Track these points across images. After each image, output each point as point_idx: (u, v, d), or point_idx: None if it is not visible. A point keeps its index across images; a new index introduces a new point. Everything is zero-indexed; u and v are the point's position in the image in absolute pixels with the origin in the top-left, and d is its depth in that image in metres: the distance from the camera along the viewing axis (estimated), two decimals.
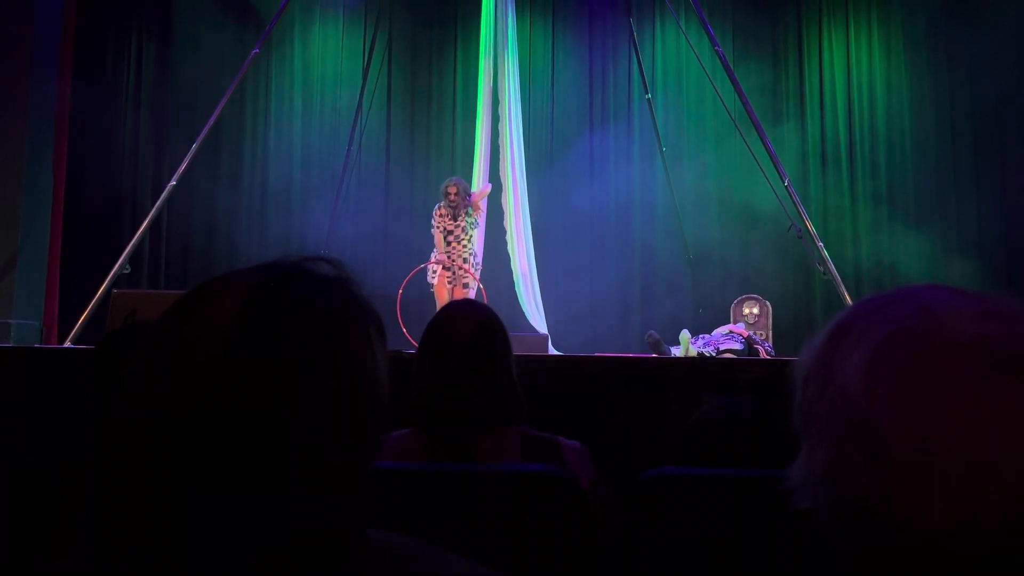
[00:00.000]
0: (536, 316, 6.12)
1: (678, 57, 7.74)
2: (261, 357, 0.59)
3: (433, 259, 5.94)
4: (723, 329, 5.60)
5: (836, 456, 0.59)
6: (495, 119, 6.18)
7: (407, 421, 1.55)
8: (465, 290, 5.82)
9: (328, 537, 0.60)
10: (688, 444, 1.53)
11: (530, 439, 1.51)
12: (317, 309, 0.62)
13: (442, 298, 5.72)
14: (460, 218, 5.88)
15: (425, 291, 5.93)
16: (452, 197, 5.78)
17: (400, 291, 5.82)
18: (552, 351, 5.41)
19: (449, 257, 5.84)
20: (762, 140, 5.42)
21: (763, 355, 5.30)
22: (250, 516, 0.57)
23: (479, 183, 6.11)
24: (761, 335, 5.99)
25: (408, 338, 5.28)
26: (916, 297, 0.62)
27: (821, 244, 5.14)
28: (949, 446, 0.55)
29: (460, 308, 1.61)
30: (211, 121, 5.60)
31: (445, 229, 5.90)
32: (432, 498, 1.31)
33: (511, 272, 6.18)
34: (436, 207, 5.93)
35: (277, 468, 0.58)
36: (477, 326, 1.54)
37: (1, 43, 5.96)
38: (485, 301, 5.83)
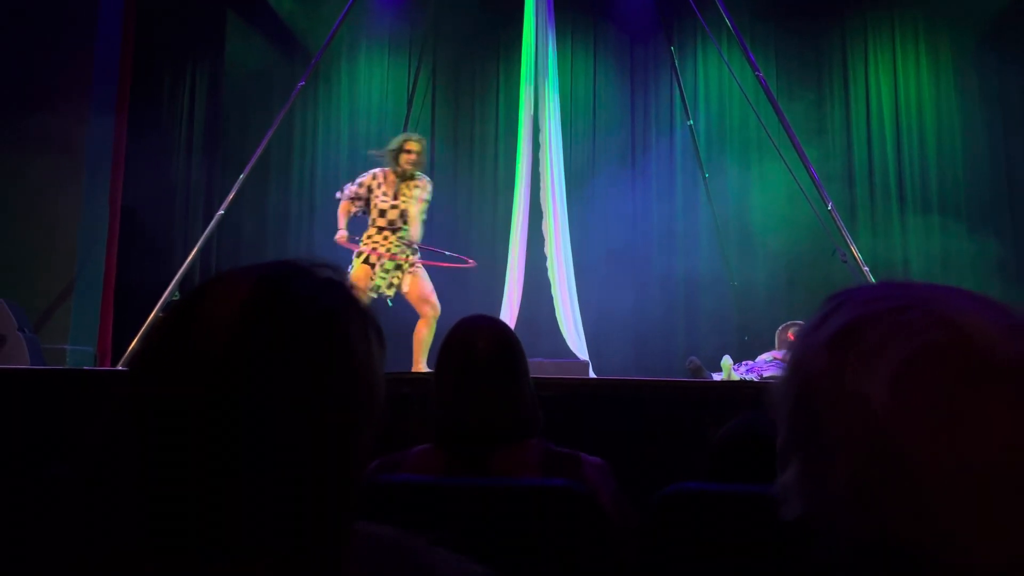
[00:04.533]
0: (577, 342, 6.08)
1: (720, 83, 7.73)
2: (263, 349, 0.61)
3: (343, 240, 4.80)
4: (767, 356, 5.51)
5: (858, 479, 0.56)
6: (536, 147, 6.21)
7: (426, 437, 1.55)
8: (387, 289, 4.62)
9: (315, 526, 0.61)
10: (714, 460, 1.51)
11: (551, 455, 1.51)
12: (318, 305, 0.64)
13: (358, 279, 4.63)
14: (405, 194, 4.80)
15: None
16: (414, 157, 4.78)
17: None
18: (592, 377, 5.37)
19: (383, 246, 4.74)
20: (805, 165, 5.36)
21: None
22: (240, 502, 0.58)
23: (520, 210, 6.09)
24: None
25: None
26: (932, 304, 0.59)
27: (867, 269, 5.04)
28: (995, 475, 0.52)
29: (476, 323, 1.61)
30: (259, 151, 5.75)
31: (378, 207, 4.78)
32: (450, 512, 1.31)
33: (552, 298, 6.17)
34: (371, 173, 4.97)
35: (272, 457, 0.59)
36: (496, 340, 1.55)
37: (62, 79, 6.23)
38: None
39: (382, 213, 4.81)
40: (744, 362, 5.39)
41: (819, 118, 7.54)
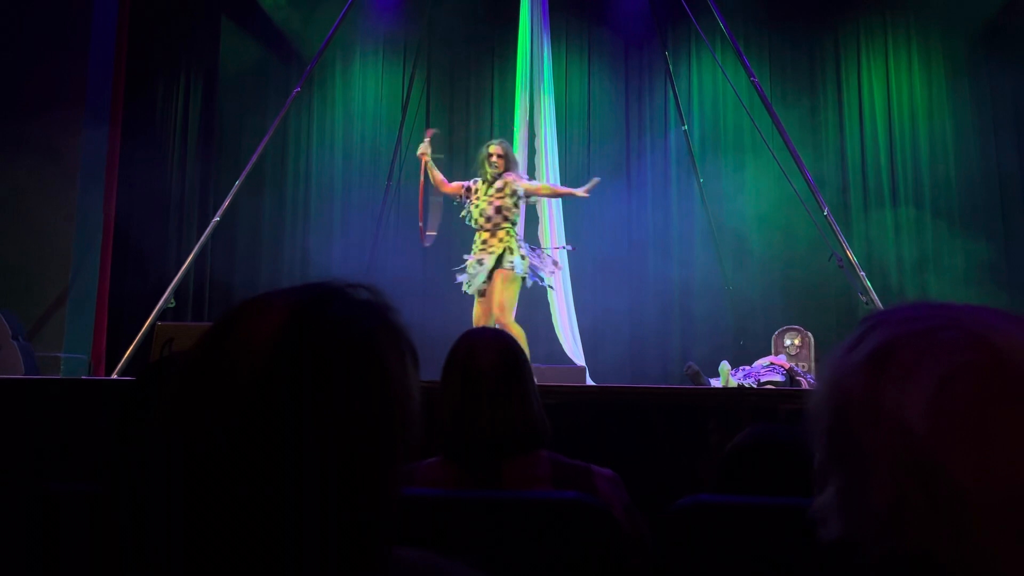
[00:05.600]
0: (573, 348, 6.08)
1: (714, 88, 7.75)
2: (299, 374, 0.60)
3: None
4: (764, 361, 5.51)
5: (895, 497, 0.56)
6: (531, 152, 6.21)
7: (434, 450, 1.54)
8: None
9: (354, 552, 0.60)
10: (724, 472, 1.50)
11: (561, 466, 1.50)
12: (355, 330, 0.63)
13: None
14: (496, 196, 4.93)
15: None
16: (494, 159, 4.89)
17: None
18: (589, 383, 5.36)
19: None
20: (800, 170, 5.37)
21: (805, 387, 5.20)
22: (279, 528, 0.57)
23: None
24: (803, 367, 5.88)
25: None
26: (966, 323, 0.59)
27: (863, 273, 5.06)
28: None
29: (480, 334, 1.60)
30: (254, 158, 5.73)
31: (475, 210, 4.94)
32: (462, 525, 1.30)
33: (548, 304, 6.16)
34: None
35: (309, 482, 0.58)
36: (499, 351, 1.54)
37: (56, 87, 6.20)
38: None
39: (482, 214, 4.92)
40: (742, 367, 5.39)
41: (812, 123, 7.57)
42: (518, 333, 4.68)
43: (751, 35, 7.59)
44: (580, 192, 4.98)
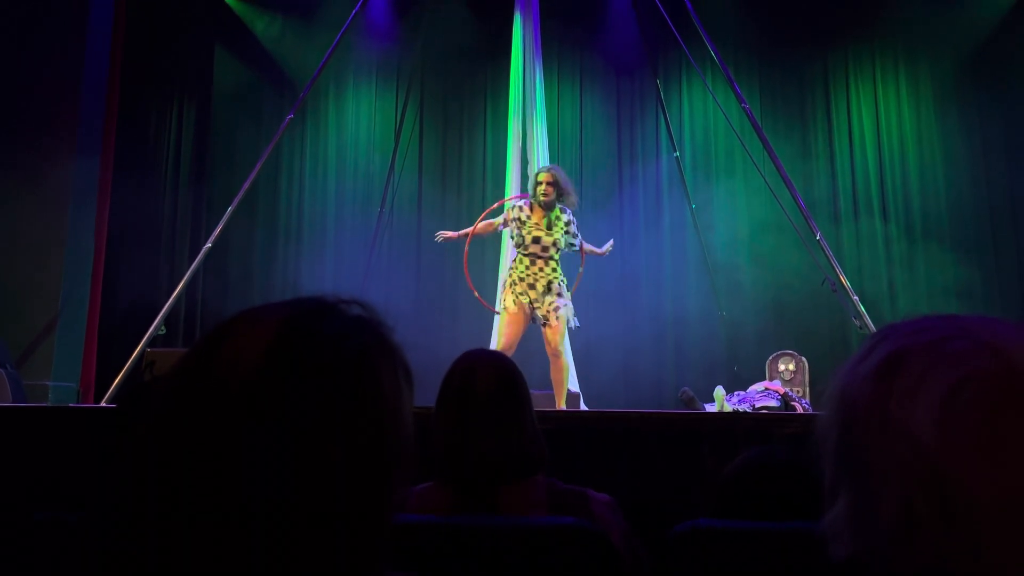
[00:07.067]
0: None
1: (705, 115, 7.81)
2: (290, 388, 0.58)
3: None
4: (759, 386, 5.49)
5: (904, 511, 0.54)
6: (524, 179, 6.23)
7: (429, 474, 1.52)
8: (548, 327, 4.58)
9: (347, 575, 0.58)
10: (722, 496, 1.48)
11: (557, 492, 1.47)
12: (347, 346, 0.62)
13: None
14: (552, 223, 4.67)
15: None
16: (543, 187, 4.63)
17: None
18: (583, 409, 5.33)
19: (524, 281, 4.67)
20: (792, 195, 5.41)
21: (800, 412, 5.18)
22: (266, 550, 0.55)
23: (509, 242, 6.08)
24: (798, 392, 5.87)
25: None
26: (973, 332, 0.58)
27: (856, 298, 5.06)
28: None
29: (478, 356, 1.58)
30: (246, 184, 5.73)
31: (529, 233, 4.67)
32: (458, 552, 1.27)
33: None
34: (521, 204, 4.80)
35: (301, 503, 0.56)
36: (496, 374, 1.52)
37: (48, 113, 6.20)
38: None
39: (536, 240, 4.71)
40: (736, 392, 5.38)
41: (803, 148, 7.63)
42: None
43: (740, 62, 7.67)
44: (600, 251, 5.14)
